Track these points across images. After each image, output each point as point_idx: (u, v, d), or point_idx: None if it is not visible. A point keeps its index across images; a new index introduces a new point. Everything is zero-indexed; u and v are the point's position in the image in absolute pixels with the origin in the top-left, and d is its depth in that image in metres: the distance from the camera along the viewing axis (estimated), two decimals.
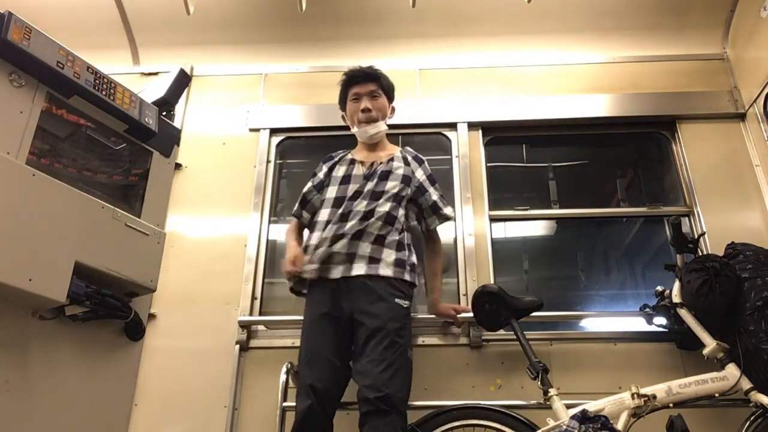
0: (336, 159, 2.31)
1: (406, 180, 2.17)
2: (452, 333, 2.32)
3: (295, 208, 2.29)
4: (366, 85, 2.25)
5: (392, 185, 2.13)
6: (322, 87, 2.90)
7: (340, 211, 2.07)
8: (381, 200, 2.08)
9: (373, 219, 2.03)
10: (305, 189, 2.28)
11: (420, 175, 2.24)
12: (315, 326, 1.99)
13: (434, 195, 2.23)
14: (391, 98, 2.32)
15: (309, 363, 1.92)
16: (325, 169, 2.29)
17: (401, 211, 2.12)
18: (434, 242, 2.27)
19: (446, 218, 2.24)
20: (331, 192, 2.17)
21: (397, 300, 1.95)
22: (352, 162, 2.25)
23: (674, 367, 2.17)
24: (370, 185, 2.12)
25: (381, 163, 2.20)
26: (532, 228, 2.87)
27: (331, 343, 1.94)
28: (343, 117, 2.34)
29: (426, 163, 2.30)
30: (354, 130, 2.28)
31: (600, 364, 2.25)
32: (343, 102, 2.32)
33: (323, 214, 2.12)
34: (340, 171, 2.23)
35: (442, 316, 2.23)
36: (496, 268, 2.47)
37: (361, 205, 2.06)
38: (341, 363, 1.93)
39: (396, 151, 2.28)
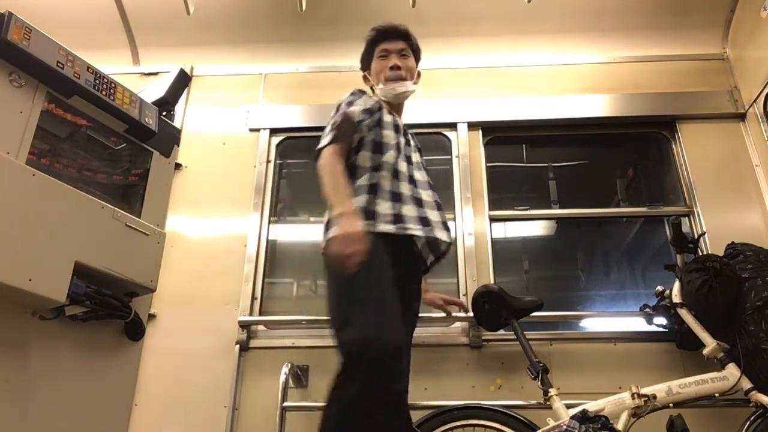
0: (379, 107, 1.90)
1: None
2: (452, 333, 2.32)
3: (334, 136, 1.75)
4: (396, 42, 2.05)
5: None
6: (322, 87, 2.90)
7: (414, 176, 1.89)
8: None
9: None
10: (354, 113, 1.80)
11: None
12: (396, 299, 1.58)
13: None
14: (418, 60, 2.10)
15: (398, 354, 1.50)
16: (373, 106, 1.88)
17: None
18: None
19: None
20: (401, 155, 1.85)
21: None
22: (396, 123, 1.94)
23: (674, 367, 2.17)
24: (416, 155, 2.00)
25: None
26: (532, 228, 2.87)
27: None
28: (364, 77, 2.10)
29: None
30: (379, 87, 2.00)
31: (600, 364, 2.25)
32: (367, 60, 2.09)
33: (403, 177, 1.81)
34: (392, 126, 1.90)
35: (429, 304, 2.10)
36: (496, 268, 2.47)
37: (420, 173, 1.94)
38: None
39: None
